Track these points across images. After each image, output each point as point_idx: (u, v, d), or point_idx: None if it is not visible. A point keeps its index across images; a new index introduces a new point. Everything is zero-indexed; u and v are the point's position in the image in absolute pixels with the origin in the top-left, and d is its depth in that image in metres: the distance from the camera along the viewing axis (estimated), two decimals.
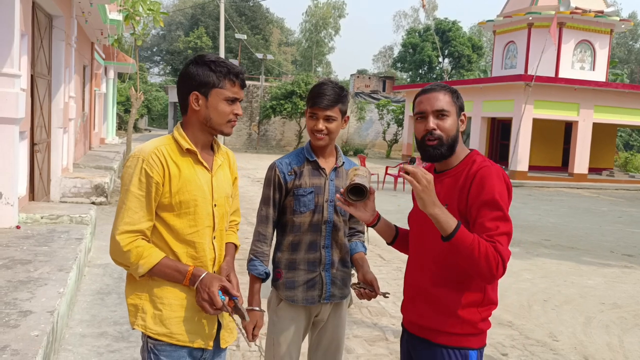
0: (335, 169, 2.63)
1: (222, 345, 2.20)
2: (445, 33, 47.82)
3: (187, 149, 2.07)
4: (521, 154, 20.89)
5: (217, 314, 2.05)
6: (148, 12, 13.35)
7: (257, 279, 2.56)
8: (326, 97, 2.50)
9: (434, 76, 49.24)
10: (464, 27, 51.70)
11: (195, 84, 2.05)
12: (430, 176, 1.91)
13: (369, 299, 2.56)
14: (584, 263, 8.23)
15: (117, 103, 29.93)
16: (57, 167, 9.35)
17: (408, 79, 52.48)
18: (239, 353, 4.20)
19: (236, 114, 2.10)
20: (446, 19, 49.16)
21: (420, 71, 50.28)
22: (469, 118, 24.89)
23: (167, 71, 59.18)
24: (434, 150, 2.09)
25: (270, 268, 2.62)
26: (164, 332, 2.04)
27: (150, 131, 46.60)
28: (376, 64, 67.07)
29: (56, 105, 9.32)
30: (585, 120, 21.81)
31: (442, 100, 2.09)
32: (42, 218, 6.27)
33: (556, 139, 25.32)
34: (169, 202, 2.03)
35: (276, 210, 2.61)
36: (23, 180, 6.82)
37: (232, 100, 2.08)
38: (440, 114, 2.09)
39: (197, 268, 2.05)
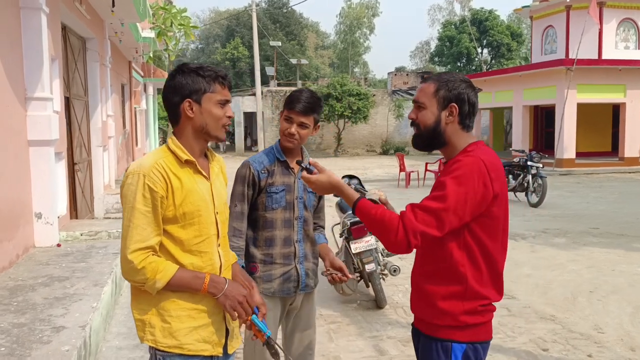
0: (302, 169, 2.71)
1: (230, 351, 2.21)
2: (482, 23, 46.94)
3: (186, 160, 2.07)
4: (567, 140, 20.22)
5: (243, 322, 2.11)
6: (179, 27, 13.58)
7: None
8: (303, 104, 2.70)
9: (473, 68, 48.36)
10: (502, 16, 50.64)
11: (187, 92, 2.05)
12: (311, 175, 2.25)
13: (342, 282, 2.84)
14: (634, 250, 7.88)
15: (160, 118, 30.59)
16: (99, 184, 9.63)
17: None
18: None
19: (229, 117, 2.11)
20: (482, 8, 48.26)
21: (458, 64, 49.49)
22: (510, 108, 24.31)
23: None
24: (413, 139, 2.20)
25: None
26: (174, 344, 2.04)
27: None
28: (414, 60, 66.25)
29: (94, 124, 9.62)
30: (633, 101, 20.93)
31: (424, 91, 2.12)
32: (81, 235, 6.45)
33: (604, 123, 24.42)
34: (173, 214, 2.02)
35: (249, 206, 2.79)
36: (63, 199, 7.04)
37: (224, 103, 2.09)
38: (418, 105, 2.13)
39: (214, 274, 2.07)
